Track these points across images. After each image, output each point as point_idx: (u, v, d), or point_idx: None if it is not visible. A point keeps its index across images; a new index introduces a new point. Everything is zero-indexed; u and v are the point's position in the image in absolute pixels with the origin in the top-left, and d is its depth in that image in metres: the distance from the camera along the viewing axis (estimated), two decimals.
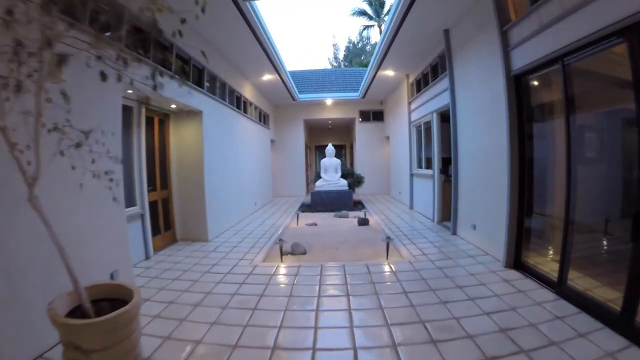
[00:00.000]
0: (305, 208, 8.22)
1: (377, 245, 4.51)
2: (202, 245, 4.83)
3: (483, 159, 3.99)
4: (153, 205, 4.63)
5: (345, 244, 4.69)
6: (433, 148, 5.79)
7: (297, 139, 10.74)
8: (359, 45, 28.20)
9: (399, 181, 8.70)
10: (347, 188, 7.95)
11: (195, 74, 4.94)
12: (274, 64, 6.57)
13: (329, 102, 10.17)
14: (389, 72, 7.23)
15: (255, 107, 8.33)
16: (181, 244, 4.92)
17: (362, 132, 10.65)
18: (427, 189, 6.22)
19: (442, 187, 5.72)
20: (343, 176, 8.32)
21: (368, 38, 28.21)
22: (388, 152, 10.58)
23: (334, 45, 33.12)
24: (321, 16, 55.59)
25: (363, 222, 5.94)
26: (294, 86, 9.07)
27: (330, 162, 8.12)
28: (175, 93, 3.36)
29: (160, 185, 4.82)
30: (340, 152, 14.30)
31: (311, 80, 11.46)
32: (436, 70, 5.79)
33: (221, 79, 5.87)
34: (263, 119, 9.20)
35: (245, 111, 7.40)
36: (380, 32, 24.15)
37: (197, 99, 4.85)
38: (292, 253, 4.30)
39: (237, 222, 6.33)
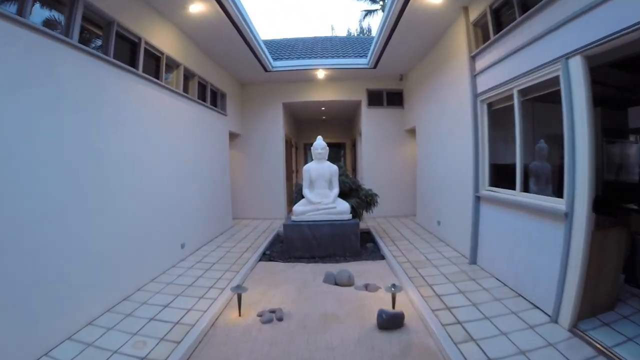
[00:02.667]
0: (275, 250, 4.80)
1: None
2: None
3: None
4: None
5: None
6: (574, 148, 2.39)
7: (274, 131, 7.31)
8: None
9: (439, 204, 5.28)
10: (349, 216, 4.54)
11: None
12: None
13: (320, 74, 6.75)
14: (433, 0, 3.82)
15: (191, 75, 4.89)
16: None
17: (371, 123, 7.24)
18: (535, 241, 2.83)
19: (590, 243, 2.33)
20: (343, 194, 4.90)
21: (369, 30, 25.07)
22: (412, 154, 7.18)
23: None
24: (319, 5, 52.21)
25: (391, 321, 2.53)
26: (262, 46, 5.64)
27: (320, 169, 4.67)
28: None
29: None
30: (337, 153, 10.94)
31: (296, 48, 8.03)
32: None
33: None
34: (213, 98, 5.76)
35: (157, 76, 3.96)
36: None
37: None
38: None
39: (100, 314, 2.87)
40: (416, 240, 5.23)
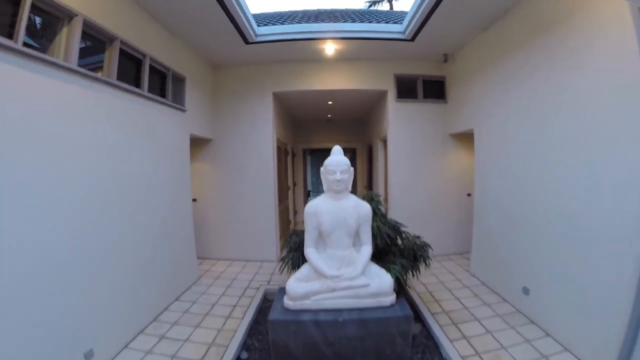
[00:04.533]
0: (259, 347, 2.83)
1: None
2: None
3: None
4: None
5: None
6: None
7: (261, 134, 5.28)
8: None
9: (530, 261, 3.29)
10: (392, 298, 2.58)
11: None
12: None
13: (329, 49, 4.74)
14: None
15: (108, 38, 2.86)
16: None
17: (401, 123, 5.23)
18: None
19: None
20: (378, 254, 2.90)
21: None
22: (458, 168, 5.28)
23: None
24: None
25: None
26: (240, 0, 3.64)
27: (340, 211, 2.59)
28: None
29: None
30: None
31: (295, 17, 6.01)
32: None
33: None
34: (159, 83, 3.75)
35: (9, 34, 1.95)
36: (391, 9, 18.92)
37: None
38: None
39: None
40: (491, 321, 3.25)
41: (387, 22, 4.75)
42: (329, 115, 7.66)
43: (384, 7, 19.08)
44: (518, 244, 3.49)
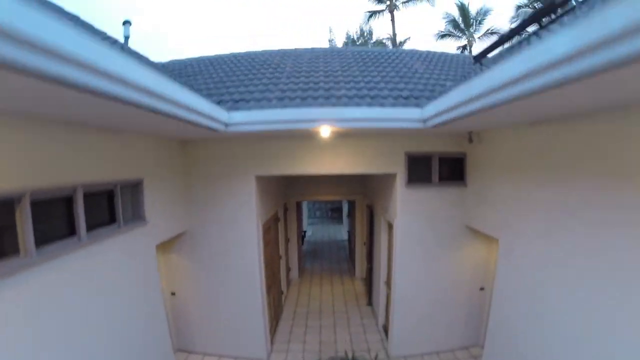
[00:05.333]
0: None
1: None
2: None
3: None
4: None
5: None
6: None
7: (242, 219, 4.36)
8: (359, 41, 22.07)
9: None
10: None
11: None
12: None
13: (324, 132, 3.83)
14: None
15: (18, 198, 1.99)
16: None
17: (412, 212, 4.32)
18: None
19: None
20: None
21: (370, 33, 22.22)
22: (474, 262, 4.56)
23: (331, 41, 25.19)
24: (318, 5, 47.25)
25: None
26: (195, 105, 2.82)
27: None
28: None
29: None
30: (336, 216, 8.09)
31: (278, 79, 5.01)
32: None
33: None
34: (106, 207, 2.92)
35: None
36: (392, 20, 17.62)
37: None
38: None
39: None
40: None
41: (403, 98, 3.80)
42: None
43: (385, 18, 18.16)
44: None
